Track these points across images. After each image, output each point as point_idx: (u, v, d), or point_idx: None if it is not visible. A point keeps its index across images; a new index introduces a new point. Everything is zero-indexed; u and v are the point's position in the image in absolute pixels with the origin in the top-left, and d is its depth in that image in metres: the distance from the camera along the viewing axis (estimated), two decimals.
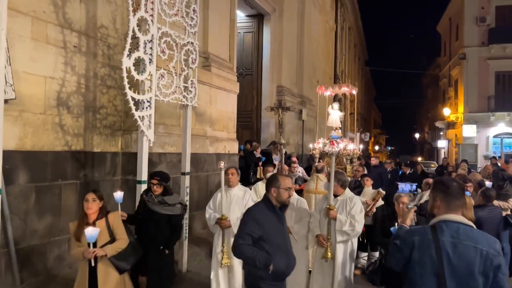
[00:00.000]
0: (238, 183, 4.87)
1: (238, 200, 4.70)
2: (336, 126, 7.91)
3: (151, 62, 4.78)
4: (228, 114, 8.56)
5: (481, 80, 23.65)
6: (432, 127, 35.41)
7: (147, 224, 4.20)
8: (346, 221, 4.16)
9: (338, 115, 7.92)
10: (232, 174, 4.80)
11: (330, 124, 7.99)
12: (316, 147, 7.70)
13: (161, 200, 4.21)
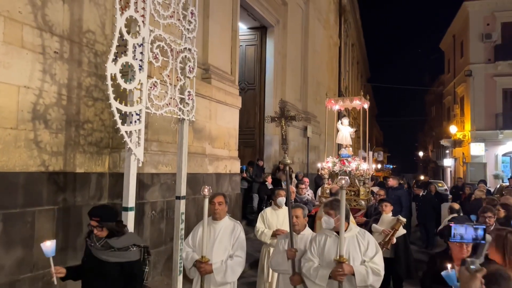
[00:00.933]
0: (227, 215, 3.96)
1: (225, 238, 3.80)
2: (347, 144, 7.22)
3: (141, 69, 4.13)
4: (229, 131, 7.89)
5: (488, 97, 23.12)
6: (437, 145, 34.75)
7: (92, 278, 3.02)
8: (367, 272, 3.12)
9: (349, 131, 7.22)
10: (220, 203, 3.88)
11: (340, 141, 7.30)
12: (325, 167, 7.01)
13: (105, 244, 2.95)
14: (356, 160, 6.68)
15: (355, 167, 6.52)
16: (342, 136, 7.04)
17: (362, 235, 3.33)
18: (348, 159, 6.72)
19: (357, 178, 6.65)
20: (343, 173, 6.60)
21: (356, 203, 6.54)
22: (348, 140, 7.05)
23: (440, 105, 34.45)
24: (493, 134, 22.90)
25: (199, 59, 7.30)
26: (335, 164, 6.72)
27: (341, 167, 6.64)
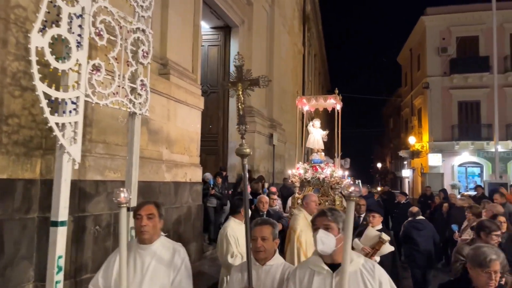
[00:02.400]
0: (161, 235, 2.78)
1: (159, 271, 2.63)
2: (318, 148, 6.55)
3: (79, 47, 3.27)
4: (190, 134, 7.06)
5: (445, 109, 23.71)
6: (395, 156, 35.43)
7: None
8: None
9: (321, 134, 6.61)
10: (150, 216, 2.65)
11: (311, 146, 6.60)
12: (295, 174, 6.31)
13: None
14: (330, 166, 6.05)
15: (330, 173, 5.88)
16: (314, 140, 6.35)
17: (370, 270, 2.18)
18: (320, 165, 6.08)
19: (332, 186, 6.00)
20: (316, 180, 5.94)
21: None
22: (320, 144, 6.38)
23: (398, 117, 35.25)
24: (450, 145, 23.45)
25: (157, 52, 6.47)
26: (306, 171, 6.04)
27: (313, 174, 5.96)
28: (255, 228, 2.64)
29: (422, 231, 6.48)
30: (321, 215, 2.27)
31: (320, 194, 5.92)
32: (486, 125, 22.62)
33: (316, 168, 5.91)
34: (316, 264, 2.24)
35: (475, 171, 24.20)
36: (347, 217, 2.03)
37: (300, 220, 4.66)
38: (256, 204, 5.55)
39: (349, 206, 1.99)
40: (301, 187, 6.03)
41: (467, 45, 23.28)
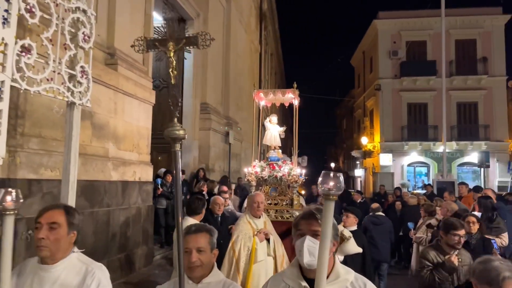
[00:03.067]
0: (73, 251, 2.06)
1: None
2: (275, 145, 6.12)
3: (6, 23, 2.82)
4: (140, 130, 6.60)
5: (395, 111, 24.54)
6: (348, 156, 36.34)
7: None
8: None
9: (278, 130, 6.19)
10: (53, 226, 1.96)
11: (268, 142, 6.21)
12: (251, 172, 5.99)
13: None
14: (288, 163, 5.83)
15: (287, 172, 5.66)
16: (271, 136, 6.03)
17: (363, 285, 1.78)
18: (278, 162, 5.83)
19: (290, 185, 5.77)
20: (273, 179, 5.68)
21: (289, 215, 5.61)
22: (277, 140, 6.07)
23: (351, 118, 36.16)
24: (400, 145, 24.31)
25: (103, 41, 5.97)
26: (263, 169, 5.77)
27: (270, 172, 5.70)
28: (187, 237, 2.05)
29: (379, 226, 6.63)
30: (308, 218, 1.77)
31: (277, 193, 5.67)
32: (433, 126, 23.67)
33: (273, 166, 5.64)
34: (293, 279, 1.79)
35: (423, 171, 25.27)
36: (325, 220, 1.51)
37: (239, 225, 4.21)
38: (210, 205, 5.21)
39: (327, 207, 1.51)
40: (258, 186, 5.75)
41: (416, 49, 24.25)
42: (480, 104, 23.80)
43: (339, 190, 1.49)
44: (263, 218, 4.32)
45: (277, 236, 4.28)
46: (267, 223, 4.36)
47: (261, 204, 4.26)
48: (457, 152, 23.81)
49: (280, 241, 4.24)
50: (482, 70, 23.52)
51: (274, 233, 4.26)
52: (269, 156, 5.92)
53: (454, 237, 3.37)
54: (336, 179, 1.48)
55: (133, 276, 5.97)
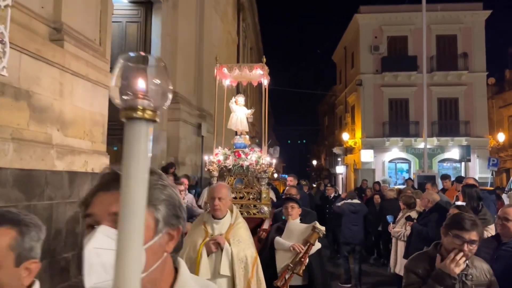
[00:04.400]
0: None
1: None
2: (242, 130, 5.44)
3: None
4: (93, 116, 5.94)
5: (376, 106, 24.30)
6: (329, 153, 36.11)
7: None
8: None
9: (245, 113, 5.48)
10: None
11: (233, 127, 5.52)
12: (213, 160, 5.21)
13: None
14: (256, 151, 5.14)
15: (255, 160, 5.03)
16: (237, 120, 5.26)
17: None
18: (244, 150, 5.09)
19: (257, 175, 5.20)
20: (239, 168, 4.95)
21: (257, 211, 4.95)
22: (244, 125, 5.31)
23: (332, 115, 35.92)
24: (381, 142, 24.07)
25: (48, 14, 5.29)
26: (227, 157, 5.02)
27: (235, 161, 4.98)
28: None
29: (355, 213, 7.21)
30: (105, 188, 0.91)
31: (243, 185, 5.04)
32: (414, 122, 23.51)
33: (239, 153, 4.98)
34: None
35: (404, 167, 25.11)
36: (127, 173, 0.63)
37: (192, 228, 3.32)
38: None
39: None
40: (221, 177, 5.15)
41: (397, 44, 24.05)
42: (461, 100, 23.75)
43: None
44: (229, 218, 3.12)
45: (249, 244, 3.09)
46: (238, 226, 3.11)
47: (222, 201, 3.02)
48: (438, 148, 23.72)
49: (251, 253, 3.04)
50: (462, 65, 23.47)
51: (246, 240, 3.09)
52: (234, 142, 5.29)
53: (456, 240, 2.25)
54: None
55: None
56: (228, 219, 3.12)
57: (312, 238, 3.67)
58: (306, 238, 3.69)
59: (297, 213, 4.05)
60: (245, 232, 3.16)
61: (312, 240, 3.66)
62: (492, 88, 26.50)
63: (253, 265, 2.98)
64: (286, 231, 3.88)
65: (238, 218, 3.18)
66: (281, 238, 3.83)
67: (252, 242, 3.16)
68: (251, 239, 3.18)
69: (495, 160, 18.47)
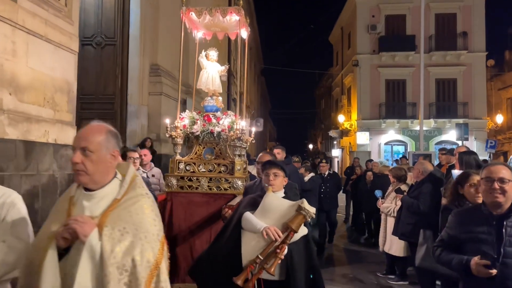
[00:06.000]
0: None
1: None
2: (215, 90, 4.62)
3: None
4: (55, 82, 5.41)
5: (373, 88, 23.74)
6: (326, 137, 35.67)
7: None
8: None
9: (218, 70, 4.66)
10: None
11: (204, 86, 4.68)
12: (178, 125, 4.39)
13: None
14: (230, 115, 4.42)
15: (228, 125, 4.25)
16: (208, 77, 4.49)
17: None
18: (216, 113, 4.41)
19: (231, 143, 4.29)
20: (208, 135, 4.25)
21: (229, 185, 4.20)
22: (217, 84, 4.55)
23: (329, 98, 35.35)
24: (377, 124, 23.59)
25: None
26: (194, 122, 4.27)
27: (204, 126, 4.26)
28: None
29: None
30: None
31: (214, 155, 4.36)
32: (411, 103, 23.00)
33: (209, 118, 4.31)
34: None
35: (400, 149, 24.66)
36: None
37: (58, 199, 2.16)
38: None
39: None
40: (188, 147, 4.57)
41: (395, 24, 23.37)
42: (459, 81, 23.19)
43: None
44: (114, 189, 1.77)
45: (149, 239, 1.66)
46: (129, 203, 1.71)
47: (90, 155, 1.69)
48: (435, 130, 23.26)
49: (148, 256, 1.62)
50: (461, 45, 22.84)
51: (144, 230, 1.66)
52: (204, 104, 4.67)
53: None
54: None
55: None
56: (110, 191, 1.74)
57: (295, 222, 2.66)
58: (287, 222, 2.66)
59: (281, 184, 3.03)
60: (145, 216, 1.69)
61: (295, 224, 2.65)
62: (491, 70, 25.92)
63: (150, 278, 1.60)
64: (261, 207, 2.81)
65: (134, 190, 1.76)
66: (253, 215, 2.79)
67: (157, 236, 1.69)
68: (156, 229, 1.71)
69: (493, 142, 18.02)
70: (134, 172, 1.85)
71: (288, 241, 2.63)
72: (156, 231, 1.71)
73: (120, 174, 1.84)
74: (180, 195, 4.22)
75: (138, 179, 1.83)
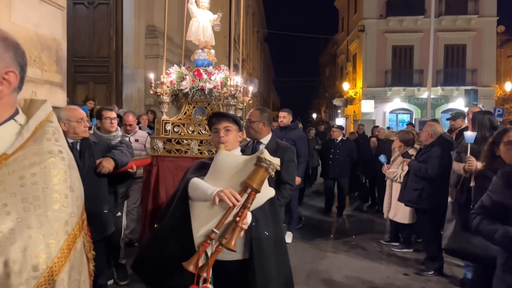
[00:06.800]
0: None
1: None
2: (206, 42, 4.07)
3: None
4: (41, 39, 5.08)
5: (379, 54, 23.07)
6: (330, 105, 35.15)
7: None
8: None
9: (210, 19, 4.11)
10: None
11: (193, 37, 4.09)
12: (164, 81, 3.89)
13: None
14: (223, 70, 3.95)
15: (221, 82, 3.79)
16: (198, 27, 3.96)
17: None
18: (208, 68, 3.93)
19: (225, 102, 3.84)
20: (199, 93, 3.78)
21: None
22: (208, 35, 4.02)
23: (333, 65, 34.58)
24: (382, 91, 23.08)
25: None
26: (183, 78, 3.82)
27: (194, 82, 3.78)
28: None
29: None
30: None
31: (205, 116, 3.89)
32: (418, 70, 22.39)
33: (199, 73, 3.84)
34: None
35: (405, 118, 24.24)
36: None
37: None
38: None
39: None
40: (177, 107, 4.21)
41: None
42: (469, 47, 22.45)
43: None
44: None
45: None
46: (7, 169, 1.01)
47: None
48: (442, 98, 22.76)
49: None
50: (472, 9, 21.94)
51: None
52: (194, 58, 4.15)
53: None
54: None
55: None
56: None
57: (256, 179, 2.00)
58: (246, 180, 2.01)
59: (236, 140, 2.35)
60: (48, 188, 1.03)
61: (256, 182, 1.99)
62: (501, 37, 25.06)
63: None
64: (212, 169, 2.16)
65: (40, 142, 1.09)
66: (202, 180, 2.13)
67: (65, 224, 1.04)
68: (66, 213, 1.05)
69: (500, 111, 17.52)
70: (47, 114, 1.15)
71: (249, 205, 1.99)
72: (64, 216, 1.03)
73: (23, 116, 1.14)
74: (167, 159, 3.80)
75: (51, 127, 1.13)
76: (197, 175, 2.17)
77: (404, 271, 4.71)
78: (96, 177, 3.01)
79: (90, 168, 2.95)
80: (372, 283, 4.34)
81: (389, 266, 4.89)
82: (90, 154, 2.99)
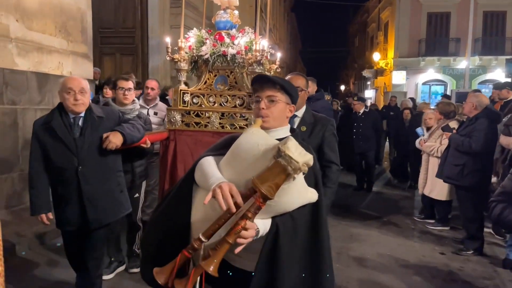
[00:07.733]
0: None
1: None
2: (229, 2, 3.52)
3: None
4: (66, 8, 4.97)
5: (413, 22, 21.96)
6: (359, 77, 34.18)
7: None
8: None
9: None
10: None
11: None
12: (182, 46, 3.35)
13: None
14: (248, 33, 3.39)
15: (245, 46, 3.27)
16: None
17: None
18: (230, 31, 3.41)
19: (250, 70, 3.29)
20: (221, 59, 3.28)
21: (246, 123, 3.25)
22: None
23: (364, 35, 33.33)
24: (415, 62, 22.10)
25: None
26: (203, 42, 3.35)
27: (215, 47, 3.29)
28: None
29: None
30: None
31: (227, 85, 3.39)
32: (455, 39, 21.23)
33: (221, 36, 3.33)
34: None
35: (439, 90, 23.26)
36: None
37: None
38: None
39: None
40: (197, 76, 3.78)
41: None
42: (509, 13, 21.01)
43: None
44: None
45: None
46: None
47: None
48: (479, 68, 21.59)
49: None
50: None
51: None
52: (216, 20, 3.50)
53: None
54: None
55: None
56: None
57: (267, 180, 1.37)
58: (254, 178, 1.38)
59: (282, 117, 1.67)
60: None
61: (266, 185, 1.36)
62: None
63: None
64: (230, 150, 1.57)
65: None
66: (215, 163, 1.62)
67: None
68: None
69: None
70: None
71: (250, 214, 1.38)
72: None
73: None
74: (185, 133, 3.37)
75: None
76: (215, 154, 1.66)
77: (440, 249, 4.50)
78: (102, 155, 2.60)
79: (92, 146, 2.56)
80: (406, 262, 4.16)
81: (424, 244, 4.68)
82: (93, 130, 2.57)
